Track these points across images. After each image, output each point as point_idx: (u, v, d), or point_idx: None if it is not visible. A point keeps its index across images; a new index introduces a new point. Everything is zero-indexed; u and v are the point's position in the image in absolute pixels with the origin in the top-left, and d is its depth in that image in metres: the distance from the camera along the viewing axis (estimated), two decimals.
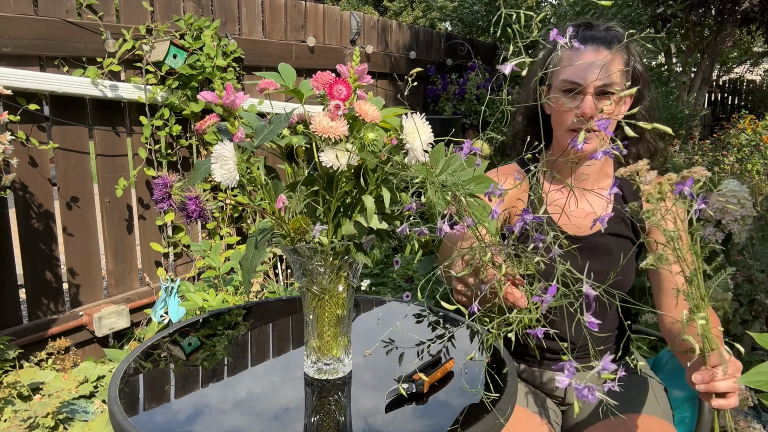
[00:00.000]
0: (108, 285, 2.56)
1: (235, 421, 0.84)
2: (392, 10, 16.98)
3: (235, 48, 2.81)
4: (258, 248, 0.84)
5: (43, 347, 2.21)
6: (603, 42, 1.13)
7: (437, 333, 1.17)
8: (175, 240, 2.74)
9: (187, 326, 1.19)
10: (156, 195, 0.87)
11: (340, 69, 0.83)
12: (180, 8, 2.64)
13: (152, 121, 2.54)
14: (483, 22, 4.89)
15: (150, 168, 2.58)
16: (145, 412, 0.87)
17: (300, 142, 0.90)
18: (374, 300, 1.37)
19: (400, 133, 0.78)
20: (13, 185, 2.12)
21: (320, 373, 0.95)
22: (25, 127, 2.14)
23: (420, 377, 0.92)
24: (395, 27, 4.31)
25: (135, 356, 1.04)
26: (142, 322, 2.62)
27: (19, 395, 1.91)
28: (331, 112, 0.77)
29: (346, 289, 0.92)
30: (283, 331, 1.19)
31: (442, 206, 0.79)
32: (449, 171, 0.84)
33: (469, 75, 4.65)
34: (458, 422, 0.85)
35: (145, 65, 2.45)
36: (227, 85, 0.80)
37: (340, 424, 0.84)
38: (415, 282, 2.66)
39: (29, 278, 2.23)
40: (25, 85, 2.08)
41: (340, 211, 0.86)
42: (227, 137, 0.82)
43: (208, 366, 1.02)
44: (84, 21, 2.29)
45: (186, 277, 2.80)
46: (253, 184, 0.84)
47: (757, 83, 12.07)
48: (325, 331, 0.93)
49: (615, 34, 1.16)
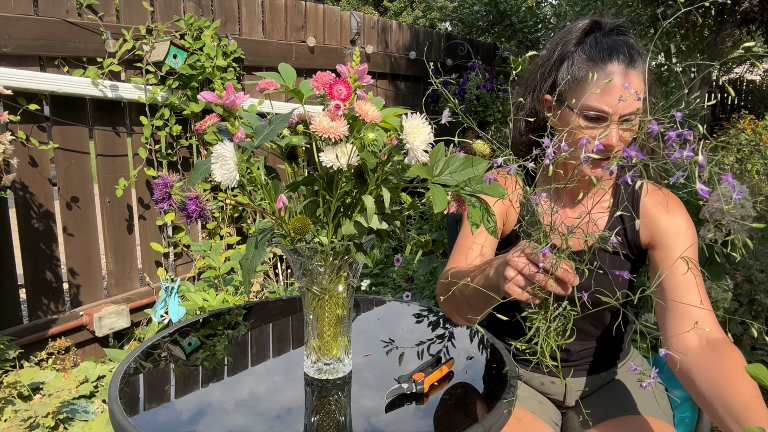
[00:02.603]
0: (108, 285, 2.56)
1: (237, 421, 0.84)
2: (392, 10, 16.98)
3: (235, 48, 2.81)
4: (258, 248, 0.84)
5: (43, 347, 2.21)
6: (629, 61, 1.03)
7: (437, 333, 1.18)
8: (175, 240, 2.74)
9: (187, 326, 1.19)
10: (156, 195, 0.87)
11: (340, 69, 0.83)
12: (180, 8, 2.64)
13: (152, 121, 2.54)
14: (483, 22, 4.89)
15: (150, 168, 2.58)
16: (145, 412, 0.87)
17: (300, 142, 0.90)
18: (374, 300, 1.37)
19: (400, 133, 0.78)
20: (14, 185, 2.12)
21: (320, 373, 0.95)
22: (26, 127, 2.14)
23: (420, 377, 0.92)
24: (395, 27, 4.31)
25: (135, 356, 1.04)
26: (143, 322, 2.62)
27: (19, 395, 1.91)
28: (331, 112, 0.77)
29: (346, 289, 0.92)
30: (283, 331, 1.19)
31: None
32: (449, 171, 0.84)
33: (469, 75, 4.65)
34: (458, 422, 0.85)
35: (145, 65, 2.46)
36: (227, 85, 0.80)
37: (340, 424, 0.84)
38: (415, 282, 2.66)
39: (29, 278, 2.23)
40: (25, 85, 2.08)
41: (340, 211, 0.86)
42: (227, 137, 0.82)
43: (209, 366, 1.02)
44: (84, 21, 2.29)
45: (186, 277, 2.80)
46: (253, 184, 0.84)
47: (757, 83, 12.07)
48: (325, 331, 0.93)
49: (634, 46, 1.05)
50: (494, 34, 4.98)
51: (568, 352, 1.23)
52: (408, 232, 0.93)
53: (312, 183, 0.86)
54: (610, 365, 1.27)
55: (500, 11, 4.71)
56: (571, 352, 1.23)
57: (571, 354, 1.24)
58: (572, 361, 1.24)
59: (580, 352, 1.24)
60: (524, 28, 4.65)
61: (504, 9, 4.69)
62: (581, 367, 1.24)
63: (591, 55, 1.04)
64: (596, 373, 1.25)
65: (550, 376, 1.25)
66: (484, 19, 4.84)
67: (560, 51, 1.09)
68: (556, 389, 1.26)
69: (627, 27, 1.10)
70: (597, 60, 1.03)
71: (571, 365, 1.24)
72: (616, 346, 1.27)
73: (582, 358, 1.24)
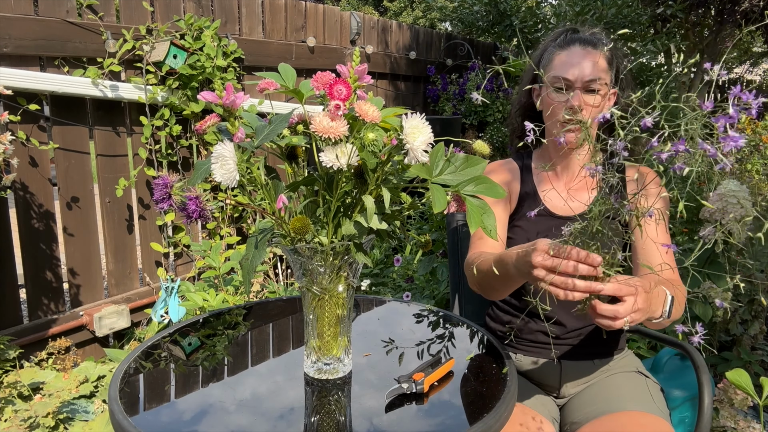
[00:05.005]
0: (108, 285, 2.56)
1: (238, 421, 0.84)
2: (392, 11, 16.98)
3: (236, 48, 2.81)
4: (258, 248, 0.84)
5: (43, 347, 2.21)
6: (589, 43, 1.25)
7: (437, 333, 1.18)
8: (175, 240, 2.74)
9: (187, 326, 1.19)
10: (156, 195, 0.87)
11: (340, 69, 0.83)
12: (180, 8, 2.64)
13: (152, 121, 2.54)
14: (483, 22, 4.88)
15: (150, 168, 2.58)
16: (145, 412, 0.87)
17: (300, 142, 0.90)
18: (374, 300, 1.37)
19: (400, 133, 0.78)
20: (14, 185, 2.12)
21: (320, 372, 0.95)
22: (26, 127, 2.14)
23: (420, 377, 0.92)
24: (395, 27, 4.31)
25: (135, 356, 1.04)
26: (143, 322, 2.62)
27: (19, 395, 1.91)
28: (331, 112, 0.77)
29: (346, 289, 0.92)
30: (283, 331, 1.19)
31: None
32: (449, 171, 0.84)
33: (469, 75, 4.65)
34: (458, 422, 0.85)
35: (145, 65, 2.46)
36: (227, 86, 0.80)
37: (340, 424, 0.84)
38: (415, 282, 2.66)
39: (29, 278, 2.23)
40: (25, 85, 2.08)
41: (340, 211, 0.86)
42: (227, 137, 0.82)
43: (209, 366, 1.02)
44: (84, 21, 2.29)
45: (186, 277, 2.80)
46: (253, 184, 0.84)
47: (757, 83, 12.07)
48: (325, 331, 0.93)
49: (600, 37, 1.28)
50: (494, 34, 4.98)
51: (562, 328, 1.26)
52: (408, 232, 0.94)
53: (312, 183, 0.86)
54: (605, 353, 1.29)
55: (500, 11, 4.70)
56: (567, 327, 1.26)
57: (567, 330, 1.26)
58: (567, 338, 1.27)
59: (576, 330, 1.26)
60: (524, 28, 4.65)
61: (504, 9, 4.69)
62: (576, 350, 1.27)
63: (560, 43, 1.28)
64: (590, 359, 1.28)
65: (545, 359, 1.28)
66: (484, 19, 4.84)
67: (541, 48, 1.34)
68: (551, 370, 1.28)
69: (600, 32, 1.31)
70: (563, 45, 1.27)
71: (565, 343, 1.27)
72: (612, 331, 1.29)
73: (577, 337, 1.27)
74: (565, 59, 1.23)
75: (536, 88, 1.33)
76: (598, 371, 1.28)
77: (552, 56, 1.27)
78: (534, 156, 1.40)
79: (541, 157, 1.38)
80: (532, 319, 1.30)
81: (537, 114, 1.37)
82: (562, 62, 1.23)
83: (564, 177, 1.34)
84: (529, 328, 1.30)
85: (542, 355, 1.30)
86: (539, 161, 1.38)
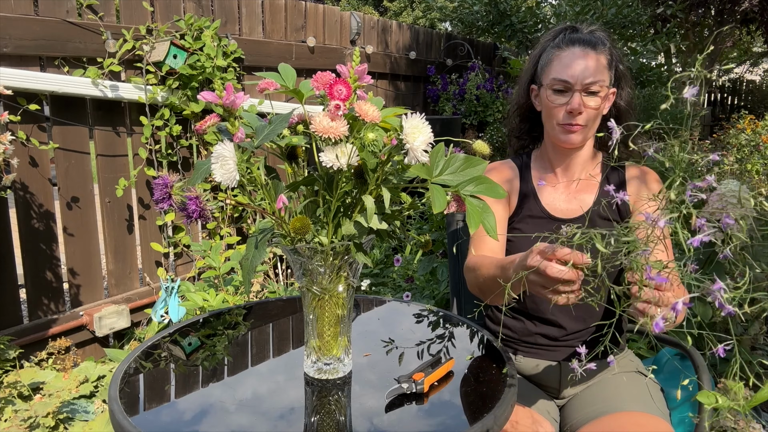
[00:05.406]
0: (108, 285, 2.56)
1: (239, 421, 0.84)
2: (392, 11, 16.98)
3: (236, 48, 2.81)
4: (258, 248, 0.84)
5: (43, 347, 2.21)
6: (588, 44, 1.23)
7: (437, 333, 1.18)
8: (175, 240, 2.74)
9: (187, 326, 1.19)
10: (156, 195, 0.87)
11: (340, 69, 0.83)
12: (180, 8, 2.64)
13: (152, 121, 2.54)
14: (483, 22, 4.88)
15: (150, 168, 2.58)
16: (145, 411, 0.87)
17: (300, 142, 0.90)
18: (374, 300, 1.37)
19: (399, 133, 0.78)
20: (14, 185, 2.12)
21: (320, 372, 0.95)
22: (26, 127, 2.14)
23: (420, 377, 0.92)
24: (395, 27, 4.31)
25: (135, 356, 1.04)
26: (143, 322, 2.62)
27: (19, 395, 1.91)
28: (331, 112, 0.77)
29: (346, 289, 0.92)
30: (283, 331, 1.19)
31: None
32: (449, 171, 0.84)
33: (469, 75, 4.65)
34: (458, 422, 0.85)
35: (145, 65, 2.46)
36: (227, 86, 0.80)
37: (340, 424, 0.84)
38: (415, 282, 2.66)
39: (30, 278, 2.23)
40: (25, 85, 2.08)
41: (340, 211, 0.86)
42: (227, 137, 0.82)
43: (209, 366, 1.02)
44: (84, 21, 2.29)
45: (186, 277, 2.80)
46: (253, 184, 0.84)
47: (757, 83, 12.07)
48: (325, 330, 0.93)
49: (599, 37, 1.26)
50: (494, 34, 4.98)
51: (562, 330, 1.26)
52: (408, 232, 0.94)
53: (312, 183, 0.86)
54: (604, 354, 1.29)
55: (500, 11, 4.70)
56: (566, 330, 1.26)
57: (566, 333, 1.26)
58: (566, 340, 1.27)
59: (576, 332, 1.26)
60: (524, 28, 4.65)
61: (504, 9, 4.69)
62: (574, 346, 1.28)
63: (559, 44, 1.26)
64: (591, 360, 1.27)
65: (545, 361, 1.29)
66: (484, 19, 4.84)
67: (540, 48, 1.32)
68: (551, 372, 1.28)
69: (599, 30, 1.29)
70: (562, 45, 1.25)
71: (565, 345, 1.27)
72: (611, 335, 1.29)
73: (577, 339, 1.27)
74: (565, 61, 1.22)
75: (534, 89, 1.33)
76: (598, 371, 1.28)
77: (551, 57, 1.26)
78: (533, 156, 1.39)
79: (540, 158, 1.38)
80: (532, 321, 1.30)
81: (536, 114, 1.36)
82: (562, 64, 1.22)
83: (563, 178, 1.33)
84: (528, 330, 1.30)
85: (542, 357, 1.30)
86: (538, 162, 1.37)
